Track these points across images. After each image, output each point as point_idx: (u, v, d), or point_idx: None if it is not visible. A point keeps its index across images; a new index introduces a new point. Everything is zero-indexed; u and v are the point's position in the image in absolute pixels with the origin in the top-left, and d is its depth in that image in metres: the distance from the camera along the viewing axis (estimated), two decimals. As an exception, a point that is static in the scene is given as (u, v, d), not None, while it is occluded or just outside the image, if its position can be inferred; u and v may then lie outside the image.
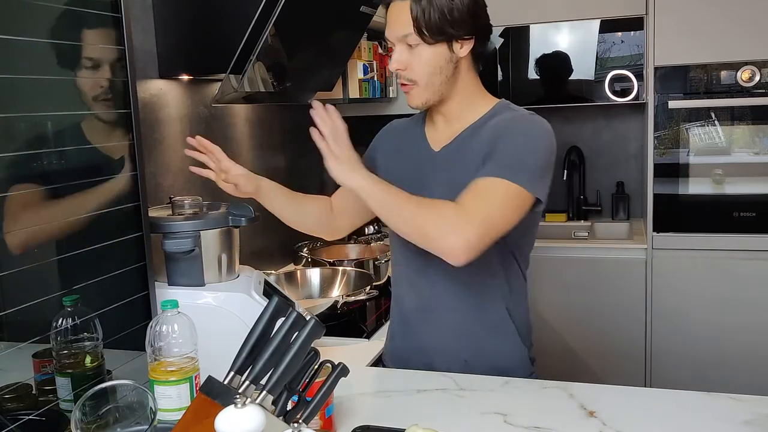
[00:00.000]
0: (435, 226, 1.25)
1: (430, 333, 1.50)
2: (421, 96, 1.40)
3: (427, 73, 1.37)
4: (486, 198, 1.28)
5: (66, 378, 1.12)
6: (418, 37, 1.33)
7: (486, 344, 1.48)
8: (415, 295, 1.51)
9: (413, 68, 1.37)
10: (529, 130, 1.37)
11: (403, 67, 1.37)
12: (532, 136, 1.36)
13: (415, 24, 1.32)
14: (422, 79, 1.37)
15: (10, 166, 1.03)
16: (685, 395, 1.33)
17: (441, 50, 1.35)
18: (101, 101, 1.20)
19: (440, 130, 1.48)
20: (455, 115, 1.45)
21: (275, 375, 0.98)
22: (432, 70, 1.36)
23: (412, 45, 1.35)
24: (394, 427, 1.17)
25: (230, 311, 1.39)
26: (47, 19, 1.09)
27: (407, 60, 1.36)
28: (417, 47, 1.35)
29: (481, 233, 1.24)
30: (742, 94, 2.73)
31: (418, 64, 1.36)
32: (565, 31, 3.06)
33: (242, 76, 1.82)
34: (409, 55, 1.36)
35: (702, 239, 2.80)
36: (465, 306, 1.46)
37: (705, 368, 2.80)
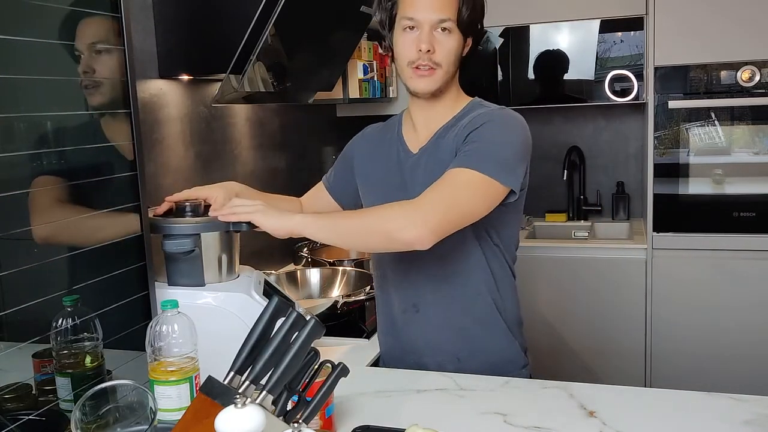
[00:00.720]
0: (391, 223, 1.27)
1: (419, 333, 1.51)
2: (440, 80, 1.40)
3: (451, 61, 1.39)
4: (445, 185, 1.30)
5: (66, 378, 1.12)
6: (456, 25, 1.36)
7: (476, 340, 1.49)
8: (401, 297, 1.52)
9: (440, 52, 1.38)
10: (497, 123, 1.38)
11: (433, 50, 1.37)
12: (501, 128, 1.38)
13: (458, 13, 1.36)
14: (446, 64, 1.39)
15: (9, 166, 1.03)
16: (685, 395, 1.33)
17: (461, 43, 1.40)
18: (101, 101, 1.20)
19: (419, 131, 1.50)
20: (435, 115, 1.47)
21: (275, 375, 0.98)
22: (454, 59, 1.40)
23: (447, 30, 1.37)
24: (394, 427, 1.17)
25: (230, 311, 1.39)
26: (47, 19, 1.09)
27: (433, 44, 1.37)
28: (451, 34, 1.37)
29: (443, 218, 1.26)
30: (742, 94, 2.73)
31: (445, 51, 1.38)
32: (565, 31, 3.07)
33: (242, 76, 1.82)
34: (440, 39, 1.37)
35: (702, 239, 2.81)
36: (452, 303, 1.48)
37: (705, 368, 2.80)
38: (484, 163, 1.30)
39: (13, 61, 1.03)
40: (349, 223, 1.33)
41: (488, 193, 1.32)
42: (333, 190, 1.66)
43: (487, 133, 1.35)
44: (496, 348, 1.50)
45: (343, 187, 1.64)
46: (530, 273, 2.90)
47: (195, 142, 2.10)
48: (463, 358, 1.49)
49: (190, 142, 2.08)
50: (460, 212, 1.30)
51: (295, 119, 2.71)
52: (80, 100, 1.18)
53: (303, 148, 2.77)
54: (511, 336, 1.51)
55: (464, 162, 1.32)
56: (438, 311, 1.49)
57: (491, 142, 1.34)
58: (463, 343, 1.49)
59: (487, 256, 1.46)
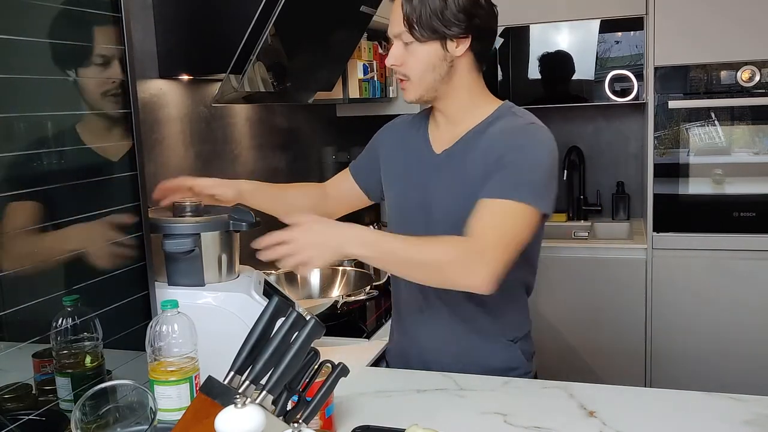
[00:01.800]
0: (453, 270, 1.25)
1: (424, 332, 1.52)
2: (415, 92, 1.41)
3: (420, 70, 1.37)
4: (497, 224, 1.27)
5: (66, 378, 1.12)
6: (410, 34, 1.35)
7: (476, 349, 1.49)
8: (410, 295, 1.52)
9: (407, 65, 1.38)
10: (531, 145, 1.35)
11: (398, 63, 1.39)
12: (535, 150, 1.35)
13: (406, 21, 1.34)
14: (415, 75, 1.38)
15: (9, 166, 1.03)
16: (685, 395, 1.33)
17: (434, 48, 1.36)
18: (101, 101, 1.20)
19: (442, 131, 1.48)
20: (456, 117, 1.45)
21: (275, 375, 0.98)
22: (425, 67, 1.37)
23: (407, 42, 1.36)
24: (394, 427, 1.17)
25: (230, 311, 1.39)
26: (47, 19, 1.09)
27: (402, 56, 1.38)
28: (411, 44, 1.36)
29: (500, 262, 1.25)
30: (742, 94, 2.73)
31: (412, 61, 1.37)
32: (565, 31, 3.07)
33: (242, 76, 1.82)
34: (405, 51, 1.38)
35: (702, 239, 2.81)
36: (453, 313, 1.47)
37: (705, 368, 2.80)
38: (523, 192, 1.29)
39: (13, 61, 1.03)
40: (406, 255, 1.26)
41: (533, 222, 1.31)
42: (358, 177, 1.65)
43: (520, 157, 1.32)
44: (496, 358, 1.50)
45: (367, 174, 1.63)
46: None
47: (195, 142, 2.10)
48: (466, 362, 1.49)
49: (190, 142, 2.08)
50: (515, 250, 1.28)
51: (295, 119, 2.71)
52: (80, 100, 1.17)
53: (303, 148, 2.77)
54: (512, 345, 1.50)
55: (504, 192, 1.29)
56: (440, 318, 1.48)
57: (527, 167, 1.32)
58: (465, 350, 1.49)
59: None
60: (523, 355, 1.52)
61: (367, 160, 1.63)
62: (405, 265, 1.28)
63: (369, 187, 1.64)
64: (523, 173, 1.31)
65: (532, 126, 1.39)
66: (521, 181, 1.30)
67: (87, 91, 1.18)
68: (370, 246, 1.25)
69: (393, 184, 1.55)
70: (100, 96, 1.20)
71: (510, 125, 1.39)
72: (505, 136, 1.36)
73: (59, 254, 1.11)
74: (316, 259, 1.23)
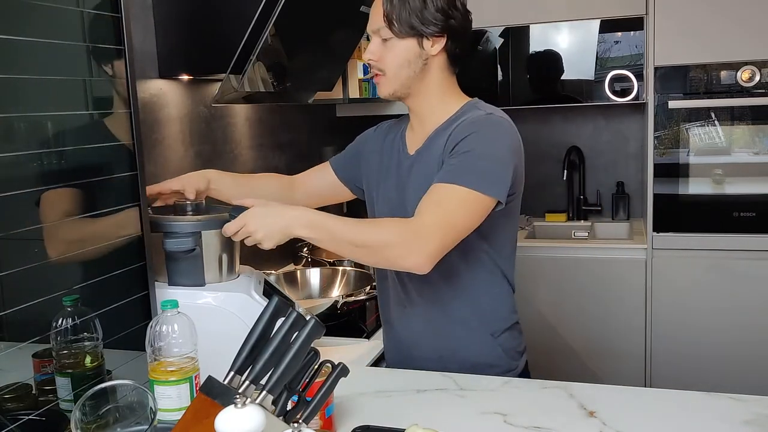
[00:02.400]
0: (391, 250, 1.29)
1: (408, 328, 1.55)
2: (389, 86, 1.44)
3: (396, 65, 1.41)
4: (442, 206, 1.30)
5: (66, 378, 1.12)
6: (389, 30, 1.39)
7: (455, 341, 1.51)
8: (393, 290, 1.55)
9: (383, 60, 1.42)
10: (482, 133, 1.37)
11: (375, 58, 1.43)
12: (488, 138, 1.37)
13: (386, 17, 1.38)
14: (390, 70, 1.42)
15: (9, 166, 1.03)
16: (685, 395, 1.33)
17: (410, 45, 1.40)
18: (101, 101, 1.20)
19: (416, 132, 1.51)
20: (426, 116, 1.48)
21: (275, 375, 0.98)
22: (400, 62, 1.41)
23: (385, 38, 1.41)
24: (394, 427, 1.17)
25: (230, 311, 1.39)
26: (47, 19, 1.09)
27: (379, 52, 1.42)
28: (389, 40, 1.40)
29: (438, 243, 1.28)
30: (742, 94, 2.73)
31: (389, 57, 1.41)
32: (565, 31, 3.06)
33: (242, 76, 1.82)
34: (382, 47, 1.42)
35: (702, 239, 2.81)
36: (433, 304, 1.50)
37: (705, 368, 2.80)
38: (470, 178, 1.31)
39: (13, 61, 1.03)
40: (349, 237, 1.30)
41: (478, 208, 1.33)
42: (339, 172, 1.67)
43: (471, 145, 1.35)
44: (475, 351, 1.50)
45: (349, 171, 1.66)
46: (530, 273, 2.90)
47: (195, 142, 2.10)
48: (445, 357, 1.51)
49: (190, 142, 2.08)
50: (455, 233, 1.31)
51: (295, 119, 2.71)
52: (80, 100, 1.18)
53: (303, 148, 2.77)
54: (492, 340, 1.50)
55: (451, 177, 1.32)
56: (421, 311, 1.51)
57: (476, 155, 1.34)
58: (444, 342, 1.51)
59: (470, 262, 1.45)
60: (504, 352, 1.51)
61: (351, 158, 1.66)
62: (348, 246, 1.31)
63: (349, 182, 1.66)
64: (473, 160, 1.34)
65: (490, 116, 1.41)
66: (471, 168, 1.33)
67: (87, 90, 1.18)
68: (314, 227, 1.29)
69: (373, 186, 1.58)
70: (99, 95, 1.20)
71: (469, 118, 1.41)
72: (461, 130, 1.39)
73: (59, 254, 1.11)
74: (266, 240, 1.31)
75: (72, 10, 1.13)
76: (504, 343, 1.51)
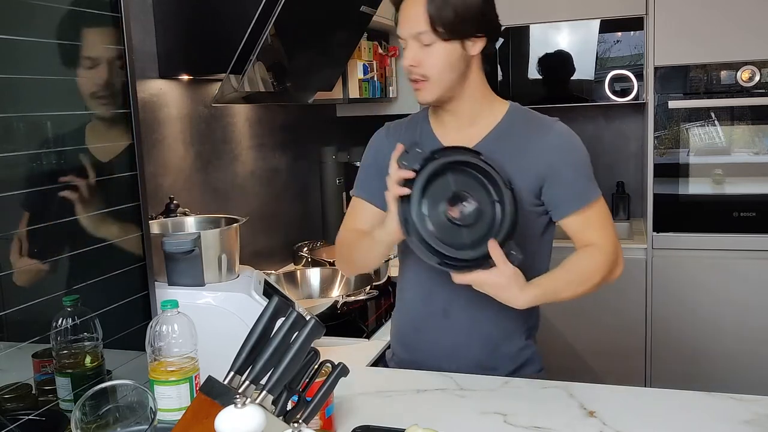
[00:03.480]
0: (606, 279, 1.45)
1: (445, 338, 1.49)
2: (433, 92, 1.40)
3: (440, 70, 1.37)
4: (601, 225, 1.46)
5: (66, 378, 1.12)
6: (433, 34, 1.34)
7: (500, 348, 1.48)
8: (431, 301, 1.48)
9: (426, 65, 1.37)
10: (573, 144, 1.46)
11: (416, 64, 1.37)
12: (578, 147, 1.47)
13: (431, 21, 1.33)
14: (434, 75, 1.37)
15: (9, 166, 1.03)
16: (685, 395, 1.33)
17: (454, 47, 1.36)
18: (101, 101, 1.20)
19: (452, 132, 1.46)
20: (469, 117, 1.44)
21: (275, 375, 0.98)
22: (444, 66, 1.37)
23: (427, 43, 1.35)
24: (394, 427, 1.17)
25: (230, 311, 1.39)
26: (47, 19, 1.09)
27: (420, 57, 1.37)
28: (432, 45, 1.35)
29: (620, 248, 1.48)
30: (742, 94, 2.73)
31: (432, 61, 1.36)
32: (565, 31, 3.06)
33: (242, 76, 1.82)
34: (423, 51, 1.36)
35: (702, 239, 2.80)
36: (483, 310, 1.44)
37: (705, 368, 2.80)
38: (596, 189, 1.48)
39: (14, 61, 1.03)
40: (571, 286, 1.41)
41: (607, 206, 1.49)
42: (376, 200, 1.52)
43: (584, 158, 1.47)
44: (517, 357, 1.50)
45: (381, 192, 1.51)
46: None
47: (195, 142, 2.10)
48: (485, 366, 1.48)
49: (190, 142, 2.08)
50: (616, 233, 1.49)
51: (295, 119, 2.71)
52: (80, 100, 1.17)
53: (303, 148, 2.77)
54: (533, 345, 1.52)
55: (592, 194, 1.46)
56: (467, 317, 1.46)
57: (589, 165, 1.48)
58: (488, 351, 1.48)
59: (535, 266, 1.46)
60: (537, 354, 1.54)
61: (374, 177, 1.51)
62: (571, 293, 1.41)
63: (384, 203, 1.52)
64: (590, 172, 1.47)
65: (557, 123, 1.47)
66: (592, 179, 1.47)
67: (87, 90, 1.18)
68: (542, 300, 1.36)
69: None
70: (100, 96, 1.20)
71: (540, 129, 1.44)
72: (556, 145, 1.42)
73: (59, 254, 1.11)
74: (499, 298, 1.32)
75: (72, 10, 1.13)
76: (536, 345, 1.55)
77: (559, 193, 1.42)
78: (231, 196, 2.28)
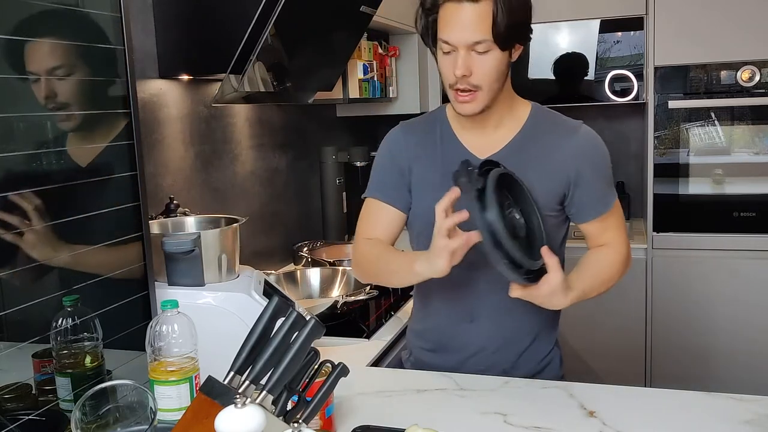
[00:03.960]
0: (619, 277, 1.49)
1: (470, 342, 1.47)
2: (482, 103, 1.34)
3: (493, 80, 1.32)
4: (622, 226, 1.50)
5: (66, 378, 1.12)
6: (494, 43, 1.28)
7: (526, 352, 1.48)
8: (455, 306, 1.46)
9: (477, 74, 1.30)
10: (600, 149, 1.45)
11: (469, 73, 1.30)
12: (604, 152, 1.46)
13: (495, 29, 1.26)
14: (486, 85, 1.32)
15: (9, 166, 1.03)
16: (685, 395, 1.33)
17: (505, 56, 1.32)
18: (101, 101, 1.20)
19: (478, 134, 1.42)
20: (497, 120, 1.41)
21: (275, 375, 0.98)
22: (497, 76, 1.32)
23: (482, 51, 1.29)
24: (394, 427, 1.17)
25: (230, 311, 1.39)
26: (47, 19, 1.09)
27: (473, 65, 1.30)
28: (488, 53, 1.29)
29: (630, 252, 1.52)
30: (742, 94, 2.73)
31: (485, 70, 1.30)
32: (565, 31, 3.06)
33: (242, 76, 1.82)
34: (476, 60, 1.29)
35: (702, 239, 2.81)
36: (508, 313, 1.43)
37: (705, 368, 2.80)
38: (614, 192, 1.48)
39: (14, 61, 1.03)
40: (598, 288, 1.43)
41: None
42: (398, 204, 1.48)
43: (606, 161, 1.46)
44: (543, 360, 1.50)
45: (403, 195, 1.48)
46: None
47: (195, 142, 2.10)
48: (509, 368, 1.47)
49: (190, 142, 2.08)
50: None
51: (295, 119, 2.71)
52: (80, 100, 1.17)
53: (303, 148, 2.77)
54: (557, 347, 1.53)
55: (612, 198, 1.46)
56: (493, 321, 1.45)
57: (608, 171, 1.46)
58: (513, 354, 1.47)
59: None
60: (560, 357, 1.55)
61: (396, 180, 1.47)
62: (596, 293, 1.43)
63: (406, 206, 1.48)
64: (608, 176, 1.46)
65: (584, 126, 1.46)
66: (610, 185, 1.47)
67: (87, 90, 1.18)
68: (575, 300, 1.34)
69: (428, 192, 1.40)
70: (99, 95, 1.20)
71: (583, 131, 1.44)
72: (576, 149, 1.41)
73: (59, 254, 1.11)
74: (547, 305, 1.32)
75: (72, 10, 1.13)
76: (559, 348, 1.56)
77: (584, 197, 1.41)
78: (231, 196, 2.28)
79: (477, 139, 1.42)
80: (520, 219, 1.26)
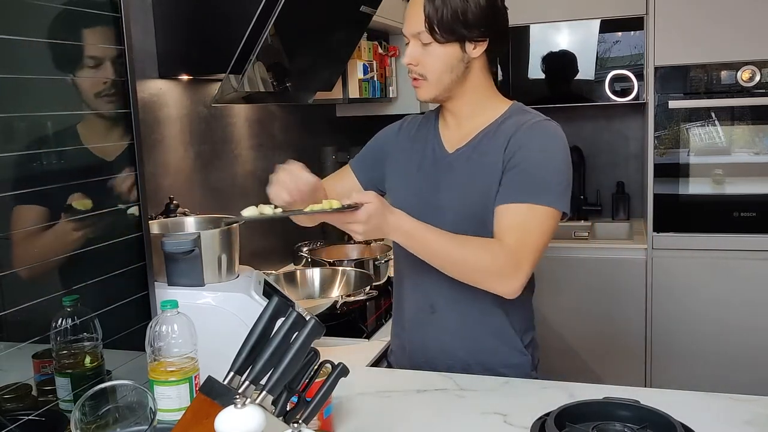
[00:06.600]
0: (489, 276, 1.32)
1: (432, 335, 1.50)
2: (430, 92, 1.41)
3: (438, 71, 1.38)
4: (526, 230, 1.33)
5: (66, 378, 1.12)
6: (430, 35, 1.35)
7: (487, 352, 1.48)
8: (419, 296, 1.50)
9: (424, 64, 1.38)
10: (547, 145, 1.38)
11: (414, 63, 1.38)
12: (551, 150, 1.37)
13: (427, 23, 1.34)
14: (432, 75, 1.38)
15: (9, 166, 1.03)
16: (685, 395, 1.33)
17: (453, 50, 1.36)
18: (101, 101, 1.20)
19: (453, 131, 1.48)
20: (467, 116, 1.45)
21: (275, 375, 0.98)
22: (443, 68, 1.37)
23: (425, 43, 1.36)
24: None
25: (230, 311, 1.39)
26: (47, 19, 1.09)
27: (419, 56, 1.38)
28: (430, 45, 1.36)
29: (530, 269, 1.33)
30: (742, 94, 2.73)
31: (430, 62, 1.37)
32: (565, 31, 3.07)
33: (242, 76, 1.82)
34: (422, 51, 1.37)
35: (702, 239, 2.81)
36: (468, 308, 1.46)
37: (705, 368, 2.80)
38: (544, 195, 1.33)
39: (13, 61, 1.03)
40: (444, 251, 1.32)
41: (554, 224, 1.36)
42: (361, 175, 1.60)
43: (537, 158, 1.35)
44: (506, 362, 1.48)
45: (371, 172, 1.59)
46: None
47: (195, 142, 2.10)
48: (472, 366, 1.48)
49: (190, 142, 2.08)
50: (540, 254, 1.35)
51: (295, 119, 2.71)
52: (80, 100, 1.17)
53: (303, 148, 2.77)
54: (524, 352, 1.49)
55: (527, 196, 1.33)
56: (454, 315, 1.47)
57: (549, 169, 1.36)
58: (475, 352, 1.48)
59: None
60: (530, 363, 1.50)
61: (372, 160, 1.60)
62: (440, 260, 1.32)
63: (369, 182, 1.58)
64: (543, 176, 1.35)
65: (547, 123, 1.41)
66: (542, 184, 1.34)
67: (87, 90, 1.18)
68: (411, 237, 1.30)
69: (403, 183, 1.52)
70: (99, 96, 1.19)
71: (522, 123, 1.40)
72: (520, 136, 1.37)
73: (59, 254, 1.11)
74: (362, 237, 1.29)
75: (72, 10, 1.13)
76: (530, 353, 1.50)
77: (508, 180, 1.36)
78: (231, 196, 2.28)
79: (450, 134, 1.48)
80: None
